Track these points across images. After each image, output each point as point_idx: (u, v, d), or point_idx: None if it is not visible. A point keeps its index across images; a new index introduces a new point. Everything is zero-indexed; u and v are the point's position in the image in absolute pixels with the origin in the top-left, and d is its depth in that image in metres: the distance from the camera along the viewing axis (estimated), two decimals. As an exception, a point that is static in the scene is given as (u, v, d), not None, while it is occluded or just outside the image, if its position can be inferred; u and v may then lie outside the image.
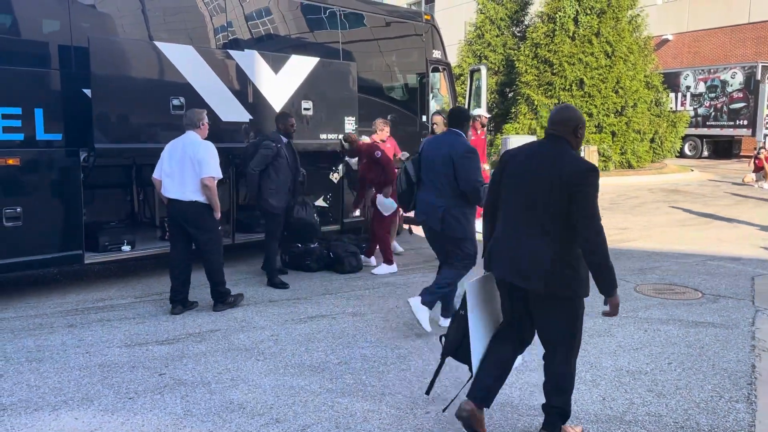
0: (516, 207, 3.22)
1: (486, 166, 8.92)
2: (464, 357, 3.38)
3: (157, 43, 6.34)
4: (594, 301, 5.82)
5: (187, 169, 5.37)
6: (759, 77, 19.16)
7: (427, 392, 3.57)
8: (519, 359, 3.47)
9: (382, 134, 7.61)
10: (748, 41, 22.26)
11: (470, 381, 3.37)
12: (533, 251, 3.12)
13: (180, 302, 5.61)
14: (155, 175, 5.60)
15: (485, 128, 8.89)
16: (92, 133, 5.88)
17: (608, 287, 3.11)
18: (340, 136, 7.85)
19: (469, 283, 3.39)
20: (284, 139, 6.54)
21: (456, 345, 3.40)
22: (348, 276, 7.02)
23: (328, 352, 4.68)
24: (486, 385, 3.28)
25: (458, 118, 5.08)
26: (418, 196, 5.16)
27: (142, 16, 6.57)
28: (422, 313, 4.92)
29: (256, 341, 4.91)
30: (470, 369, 3.36)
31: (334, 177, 8.52)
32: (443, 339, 3.51)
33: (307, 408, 3.77)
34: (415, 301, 4.96)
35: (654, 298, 6.09)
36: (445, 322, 5.13)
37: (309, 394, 3.96)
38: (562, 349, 3.27)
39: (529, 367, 4.40)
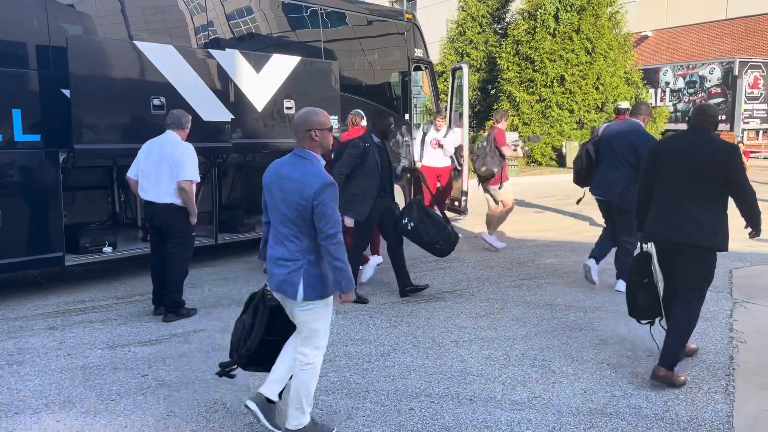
0: (675, 184, 4.07)
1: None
2: (647, 316, 4.37)
3: (137, 43, 6.30)
4: (577, 298, 5.86)
5: (164, 169, 5.24)
6: (736, 72, 19.43)
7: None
8: None
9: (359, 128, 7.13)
10: (725, 37, 22.56)
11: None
12: (692, 216, 3.99)
13: (163, 304, 5.52)
14: (130, 174, 5.47)
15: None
16: (71, 134, 5.83)
17: (758, 225, 4.14)
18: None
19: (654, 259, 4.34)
20: (376, 140, 5.84)
21: (647, 308, 4.33)
22: (332, 274, 7.01)
23: (312, 351, 4.68)
24: (671, 349, 4.04)
25: (639, 110, 6.08)
26: (598, 174, 6.05)
27: (121, 16, 6.52)
28: (621, 285, 5.78)
29: (239, 341, 4.90)
30: (663, 326, 4.25)
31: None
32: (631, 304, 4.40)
33: (292, 406, 3.77)
34: (620, 285, 5.86)
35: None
36: (620, 286, 5.85)
37: (293, 393, 3.96)
38: (697, 294, 4.10)
39: (510, 361, 4.45)
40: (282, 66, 7.47)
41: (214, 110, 6.85)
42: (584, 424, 3.54)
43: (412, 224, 5.96)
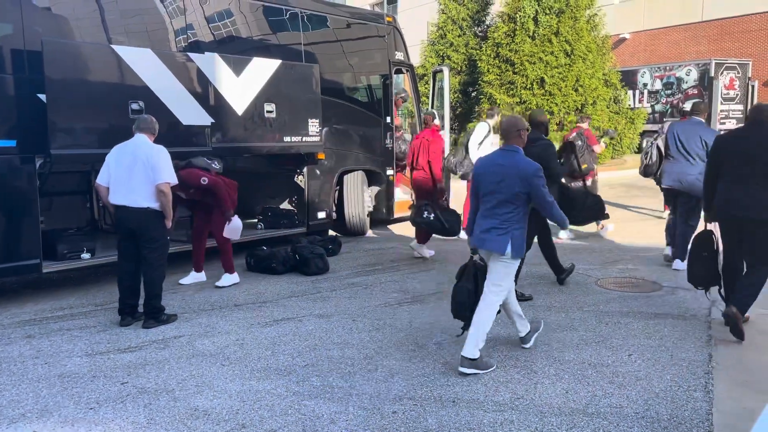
0: (739, 169, 4.85)
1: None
2: (701, 283, 5.30)
3: (114, 47, 6.23)
4: (559, 299, 5.90)
5: (139, 174, 5.15)
6: (712, 74, 19.69)
7: None
8: None
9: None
10: (701, 39, 22.87)
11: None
12: (755, 195, 4.77)
13: (129, 314, 5.41)
14: (100, 181, 5.35)
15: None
16: (48, 139, 5.75)
17: None
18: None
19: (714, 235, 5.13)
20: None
21: (701, 277, 5.23)
22: (314, 278, 7.01)
23: (295, 355, 4.66)
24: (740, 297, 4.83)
25: (699, 108, 7.07)
26: (668, 167, 6.93)
27: (99, 19, 6.45)
28: (678, 264, 6.80)
29: (220, 346, 4.87)
30: (720, 294, 5.13)
31: (300, 180, 8.50)
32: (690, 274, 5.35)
33: (274, 412, 3.75)
34: (678, 264, 6.80)
35: (615, 292, 6.22)
36: (677, 265, 6.86)
37: (275, 398, 3.94)
38: (765, 267, 4.83)
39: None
40: (262, 69, 7.44)
41: (193, 114, 6.80)
42: (566, 424, 3.56)
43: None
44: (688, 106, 7.78)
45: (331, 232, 9.05)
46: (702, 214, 5.75)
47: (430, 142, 7.70)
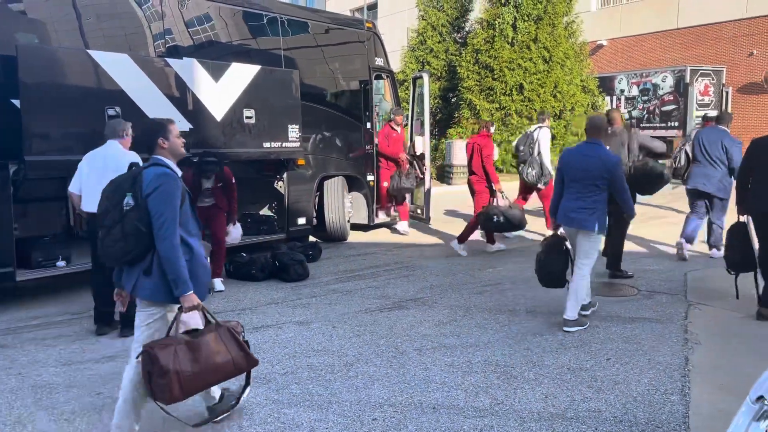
0: None
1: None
2: (734, 267, 5.73)
3: (91, 51, 6.16)
4: (538, 304, 5.93)
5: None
6: (688, 80, 20.01)
7: None
8: None
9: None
10: (676, 46, 23.23)
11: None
12: None
13: (105, 322, 5.33)
14: (72, 189, 5.26)
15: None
16: (22, 146, 5.65)
17: None
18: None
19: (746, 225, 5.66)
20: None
21: (735, 263, 5.69)
22: (294, 284, 6.97)
23: (274, 363, 4.63)
24: None
25: (724, 119, 7.79)
26: (695, 170, 7.57)
27: (75, 23, 6.36)
28: (714, 253, 7.71)
29: (199, 355, 4.81)
30: (756, 278, 5.57)
31: (279, 186, 8.46)
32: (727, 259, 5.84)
33: (253, 421, 3.72)
34: (713, 252, 7.66)
35: (594, 297, 6.26)
36: (714, 253, 7.72)
37: (254, 406, 3.90)
38: None
39: (473, 368, 4.47)
40: (241, 75, 7.40)
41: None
42: (545, 429, 3.57)
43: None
44: (712, 113, 8.41)
45: (311, 238, 9.02)
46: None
47: (481, 146, 8.21)
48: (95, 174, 5.13)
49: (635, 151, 7.04)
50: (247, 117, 7.46)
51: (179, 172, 3.40)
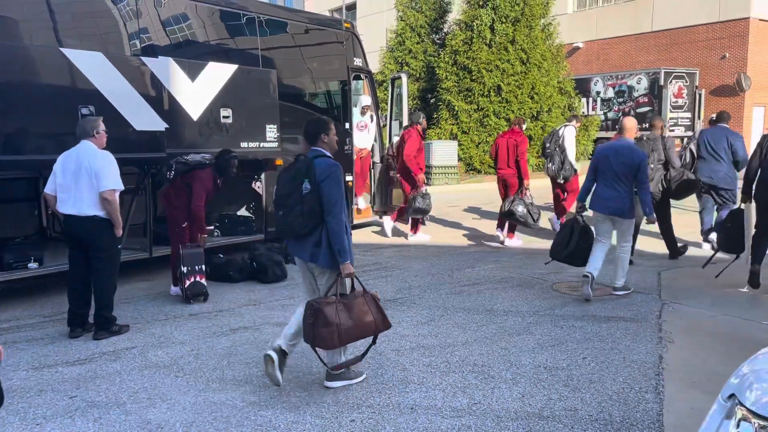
0: None
1: None
2: (724, 248, 6.62)
3: (63, 50, 6.05)
4: (515, 303, 5.96)
5: (83, 181, 4.98)
6: (662, 82, 20.32)
7: None
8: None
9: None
10: (651, 48, 23.58)
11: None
12: None
13: (79, 325, 5.24)
14: (48, 190, 5.17)
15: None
16: (-8, 145, 5.54)
17: None
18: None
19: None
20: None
21: (728, 244, 6.53)
22: (272, 285, 6.93)
23: (251, 365, 4.59)
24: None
25: (723, 117, 8.38)
26: (700, 166, 8.12)
27: (48, 21, 6.25)
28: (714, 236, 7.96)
29: (174, 357, 4.76)
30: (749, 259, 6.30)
31: (257, 186, 8.40)
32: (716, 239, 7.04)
33: (229, 423, 3.68)
34: (713, 236, 8.01)
35: (570, 296, 6.33)
36: (706, 246, 8.37)
37: (231, 409, 3.87)
38: None
39: (451, 368, 4.48)
40: (218, 74, 7.34)
41: (146, 119, 6.65)
42: (522, 428, 3.59)
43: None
44: (714, 115, 9.06)
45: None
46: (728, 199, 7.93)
47: (518, 143, 8.60)
48: (68, 175, 5.04)
49: (657, 160, 7.57)
50: (224, 117, 7.40)
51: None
